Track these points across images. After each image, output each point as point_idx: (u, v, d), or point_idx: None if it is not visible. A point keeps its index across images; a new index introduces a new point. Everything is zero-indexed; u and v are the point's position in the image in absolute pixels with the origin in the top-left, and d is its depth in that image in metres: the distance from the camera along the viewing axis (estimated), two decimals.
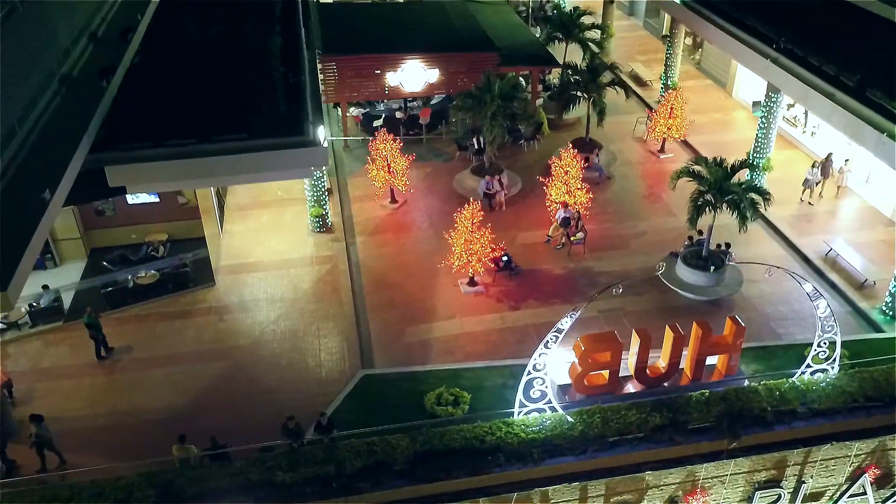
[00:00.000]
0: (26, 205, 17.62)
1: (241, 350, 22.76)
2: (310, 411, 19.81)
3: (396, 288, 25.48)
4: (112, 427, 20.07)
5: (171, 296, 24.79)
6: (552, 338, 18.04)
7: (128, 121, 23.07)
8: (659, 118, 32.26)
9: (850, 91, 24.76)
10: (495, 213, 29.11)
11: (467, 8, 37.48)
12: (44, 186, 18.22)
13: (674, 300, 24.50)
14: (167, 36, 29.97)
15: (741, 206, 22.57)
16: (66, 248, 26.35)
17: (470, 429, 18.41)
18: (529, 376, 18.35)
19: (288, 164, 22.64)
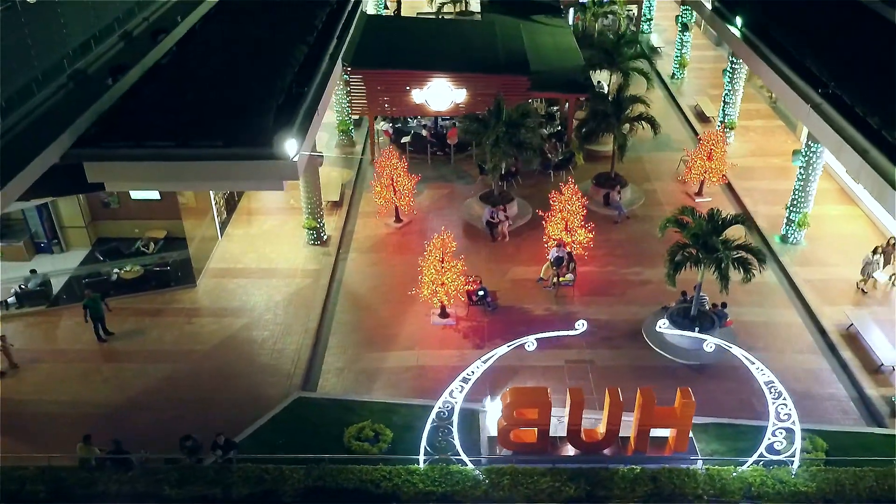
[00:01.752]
0: None
1: (196, 355, 22.85)
2: (234, 427, 19.62)
3: (369, 310, 24.88)
4: (51, 416, 20.60)
5: (151, 293, 25.32)
6: (458, 386, 16.85)
7: (118, 119, 23.69)
8: (696, 159, 29.90)
9: (886, 149, 21.89)
10: (496, 244, 27.97)
11: (518, 28, 36.35)
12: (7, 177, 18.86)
13: (652, 360, 22.49)
14: (200, 39, 30.79)
15: (722, 267, 20.33)
16: (73, 235, 27.50)
17: (369, 471, 17.50)
18: (433, 424, 17.22)
19: (256, 176, 22.61)
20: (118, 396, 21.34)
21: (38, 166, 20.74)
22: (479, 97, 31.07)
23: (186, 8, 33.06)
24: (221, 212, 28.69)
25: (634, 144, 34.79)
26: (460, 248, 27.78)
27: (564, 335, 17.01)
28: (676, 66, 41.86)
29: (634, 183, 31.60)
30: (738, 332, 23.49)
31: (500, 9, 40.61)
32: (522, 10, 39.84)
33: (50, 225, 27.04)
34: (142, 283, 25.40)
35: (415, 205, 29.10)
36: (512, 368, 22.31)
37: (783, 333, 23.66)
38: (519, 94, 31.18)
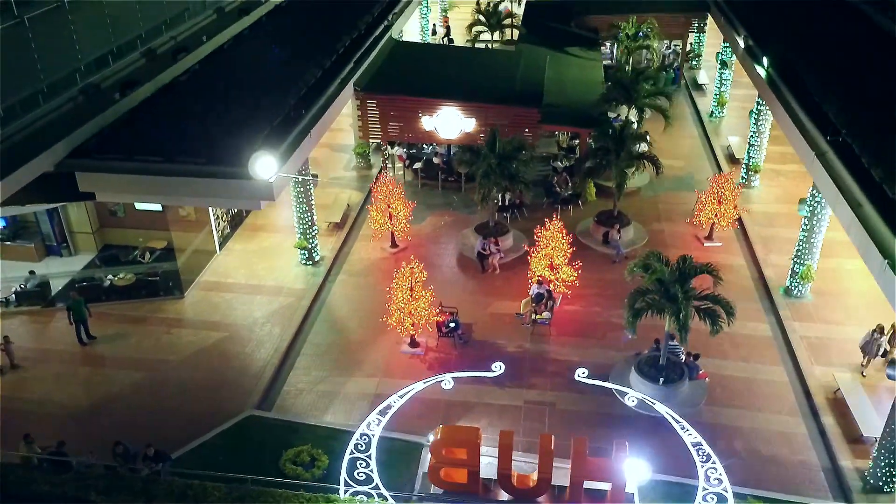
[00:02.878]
0: None
1: (167, 365, 23.43)
2: (182, 439, 20.06)
3: (343, 334, 24.99)
4: (20, 413, 21.43)
5: (139, 301, 26.17)
6: (375, 420, 16.67)
7: (114, 133, 24.74)
8: (706, 201, 28.80)
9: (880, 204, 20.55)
10: (485, 276, 27.65)
11: (545, 59, 36.04)
12: None
13: (616, 408, 21.62)
14: (222, 59, 31.90)
15: (680, 317, 19.42)
16: (81, 240, 28.74)
17: (289, 496, 17.41)
18: (352, 455, 17.07)
19: (233, 194, 23.16)
20: (84, 399, 22.10)
21: (25, 174, 21.81)
22: (488, 127, 30.80)
23: (217, 28, 34.37)
24: (224, 227, 29.44)
25: (653, 183, 33.99)
26: (449, 277, 27.82)
27: (481, 376, 16.61)
28: (715, 104, 40.57)
29: (643, 222, 30.71)
30: (715, 386, 22.42)
31: (536, 40, 40.39)
32: (558, 42, 39.50)
33: (60, 229, 28.37)
34: (132, 291, 26.30)
35: (408, 231, 29.06)
36: (467, 405, 21.95)
37: (764, 391, 22.38)
38: (529, 126, 30.89)
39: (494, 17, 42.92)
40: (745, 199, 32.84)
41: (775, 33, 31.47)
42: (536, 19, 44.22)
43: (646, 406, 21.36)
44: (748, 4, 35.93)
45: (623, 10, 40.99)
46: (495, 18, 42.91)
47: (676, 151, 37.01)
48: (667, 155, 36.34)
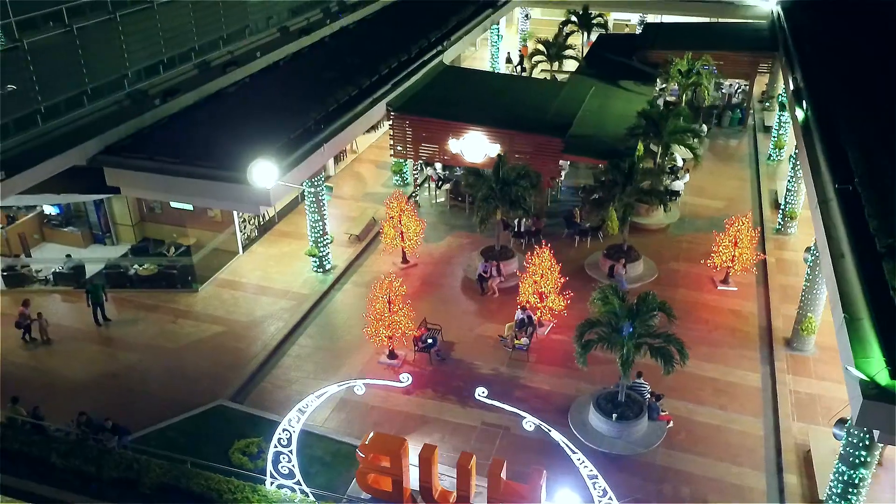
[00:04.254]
0: None
1: (160, 351, 25.23)
2: (153, 418, 21.67)
3: (331, 340, 26.02)
4: (24, 379, 23.71)
5: (157, 290, 28.22)
6: (295, 416, 17.50)
7: (144, 135, 27.05)
8: (721, 245, 27.95)
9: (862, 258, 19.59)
10: (483, 298, 28.00)
11: (588, 91, 36.08)
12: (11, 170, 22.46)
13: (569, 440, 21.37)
14: (269, 75, 34.08)
15: (624, 352, 19.15)
16: (123, 231, 31.29)
17: (220, 481, 18.47)
18: (276, 450, 17.95)
19: (234, 197, 24.80)
20: (83, 374, 24.16)
21: (54, 165, 24.28)
22: (513, 153, 31.24)
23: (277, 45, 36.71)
24: (251, 230, 31.25)
25: (683, 222, 33.27)
26: (448, 296, 28.39)
27: (390, 385, 17.07)
28: (773, 147, 39.14)
29: (661, 260, 30.13)
30: (679, 430, 21.81)
31: (592, 72, 40.43)
32: (613, 75, 39.39)
33: (105, 220, 31.04)
34: (153, 281, 28.39)
35: (417, 248, 29.86)
36: (425, 419, 22.42)
37: (733, 442, 21.54)
38: (552, 155, 31.08)
39: (554, 48, 43.21)
40: (779, 245, 31.66)
41: (828, 76, 30.26)
42: (601, 52, 44.26)
43: (598, 440, 21.24)
44: (815, 47, 34.64)
45: (687, 47, 40.29)
46: (555, 49, 43.19)
47: (720, 192, 35.98)
48: (707, 195, 35.66)
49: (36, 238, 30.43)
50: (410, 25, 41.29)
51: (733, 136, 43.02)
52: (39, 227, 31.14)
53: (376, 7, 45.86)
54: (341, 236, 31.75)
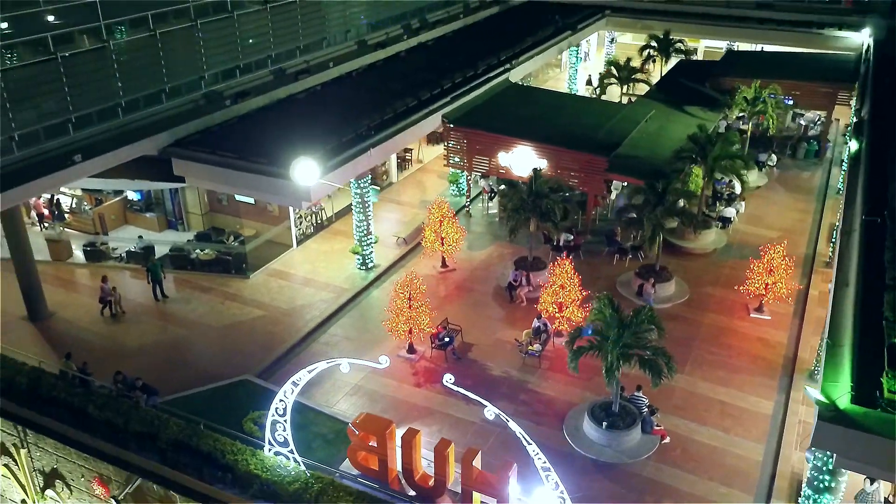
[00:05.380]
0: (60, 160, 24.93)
1: (205, 328, 27.61)
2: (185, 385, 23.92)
3: (360, 331, 27.62)
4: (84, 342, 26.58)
5: (213, 274, 30.75)
6: (290, 388, 19.06)
7: (211, 131, 29.74)
8: (755, 272, 27.71)
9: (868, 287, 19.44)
10: (511, 305, 28.90)
11: (646, 113, 36.43)
12: (89, 154, 25.47)
13: (560, 445, 22.10)
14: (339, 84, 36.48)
15: (609, 360, 19.66)
16: (194, 219, 34.19)
17: (225, 443, 20.32)
18: (273, 418, 19.58)
19: (279, 191, 26.96)
20: (134, 341, 26.83)
21: (127, 153, 27.19)
22: (559, 169, 32.12)
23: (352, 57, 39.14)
24: (307, 226, 33.45)
25: (730, 248, 33.00)
26: (477, 300, 29.50)
27: (371, 366, 18.27)
28: (842, 179, 37.96)
29: (697, 284, 30.09)
30: (675, 446, 22.00)
31: (660, 96, 40.73)
32: (680, 100, 39.53)
33: (178, 209, 34.04)
34: (211, 265, 30.94)
35: (455, 253, 31.11)
36: (429, 410, 23.59)
37: (728, 464, 21.52)
38: (596, 173, 31.70)
39: (624, 71, 43.59)
40: (827, 278, 30.80)
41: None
42: (675, 77, 44.38)
43: (587, 447, 21.80)
44: (894, 81, 33.80)
45: (762, 75, 39.86)
46: (625, 72, 43.57)
47: (777, 223, 35.33)
48: (762, 224, 35.16)
49: (114, 219, 33.71)
50: (485, 44, 42.90)
51: (807, 167, 41.91)
52: (123, 211, 34.49)
53: (457, 25, 47.72)
54: (390, 238, 33.45)
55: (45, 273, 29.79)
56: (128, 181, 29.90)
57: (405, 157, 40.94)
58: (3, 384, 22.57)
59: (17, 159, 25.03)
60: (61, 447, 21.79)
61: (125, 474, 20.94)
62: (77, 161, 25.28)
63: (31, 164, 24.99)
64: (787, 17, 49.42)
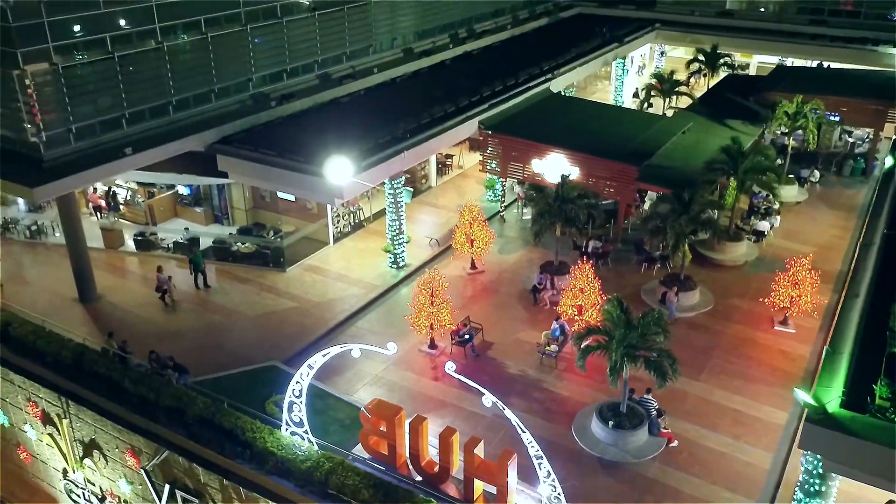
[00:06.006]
0: (113, 152, 26.71)
1: (240, 316, 29.04)
2: (216, 367, 25.31)
3: (386, 325, 28.62)
4: (128, 323, 28.31)
5: (251, 266, 32.24)
6: (305, 371, 20.12)
7: (255, 130, 31.27)
8: (780, 285, 27.69)
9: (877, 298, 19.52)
10: (535, 308, 29.49)
11: (683, 125, 36.63)
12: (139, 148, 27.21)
13: (568, 441, 22.66)
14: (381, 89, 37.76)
15: (613, 359, 20.13)
16: (238, 214, 35.81)
17: (245, 421, 21.51)
18: (289, 400, 20.67)
19: (314, 188, 28.24)
20: (174, 324, 28.42)
21: (175, 147, 28.84)
22: (590, 177, 32.63)
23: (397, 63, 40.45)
24: (344, 224, 34.72)
25: (762, 261, 32.89)
26: (502, 301, 30.23)
27: (377, 351, 19.16)
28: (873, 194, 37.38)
29: (724, 295, 30.16)
30: (683, 450, 22.30)
31: (702, 109, 40.82)
32: (722, 113, 39.58)
33: (224, 204, 35.73)
34: (250, 258, 32.44)
35: (485, 257, 31.88)
36: (443, 402, 24.42)
37: (735, 470, 21.69)
38: (626, 182, 32.10)
39: (667, 84, 43.75)
40: None
41: None
42: (720, 91, 44.37)
43: (593, 445, 22.28)
44: None
45: (809, 91, 39.56)
46: (668, 84, 43.72)
47: (814, 238, 35.00)
48: (798, 239, 34.93)
49: (163, 211, 35.57)
50: (529, 54, 43.66)
51: (852, 185, 41.29)
52: (173, 205, 36.37)
53: (504, 36, 48.64)
54: (424, 239, 34.44)
55: (98, 259, 31.76)
56: (176, 175, 31.63)
57: (445, 163, 41.94)
58: (50, 358, 24.34)
59: (74, 150, 26.91)
60: (99, 419, 23.35)
61: (154, 446, 22.35)
62: (128, 154, 27.02)
63: (86, 155, 26.83)
64: (840, 33, 48.88)
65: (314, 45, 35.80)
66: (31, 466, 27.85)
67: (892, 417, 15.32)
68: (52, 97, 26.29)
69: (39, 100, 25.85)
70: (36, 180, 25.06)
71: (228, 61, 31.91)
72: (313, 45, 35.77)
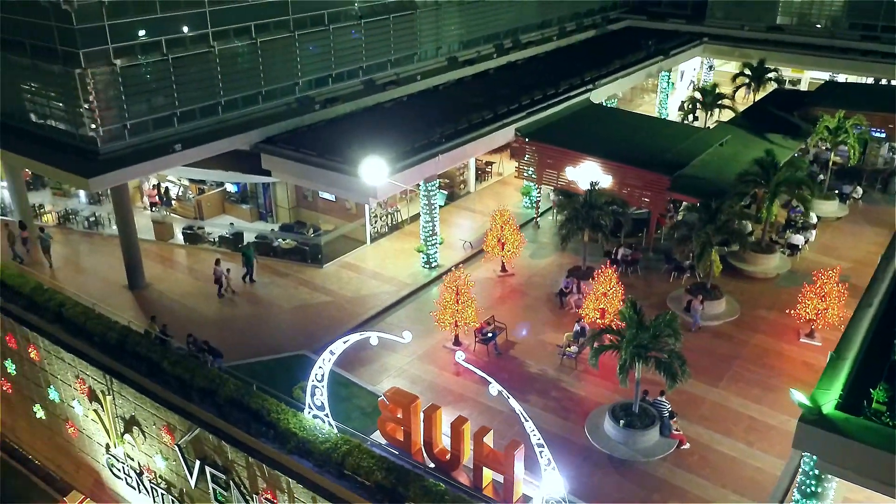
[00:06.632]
0: (163, 147, 28.42)
1: (276, 308, 30.40)
2: (251, 353, 26.70)
3: (414, 322, 29.46)
4: (172, 310, 29.94)
5: (291, 262, 33.64)
6: (328, 356, 21.20)
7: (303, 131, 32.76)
8: (807, 297, 27.71)
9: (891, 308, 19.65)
10: (560, 311, 30.08)
11: (720, 137, 36.80)
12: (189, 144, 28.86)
13: (579, 438, 23.23)
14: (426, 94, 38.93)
15: (623, 357, 20.66)
16: (282, 212, 37.34)
17: (271, 403, 22.73)
18: (312, 384, 21.79)
19: (349, 187, 29.48)
20: (216, 313, 29.99)
21: (222, 145, 30.45)
22: (623, 186, 33.12)
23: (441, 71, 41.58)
24: (381, 225, 35.92)
25: (794, 275, 32.79)
26: (528, 304, 30.92)
27: (392, 339, 20.12)
28: None
29: (753, 306, 30.26)
30: (694, 453, 22.66)
31: (743, 122, 40.92)
32: (762, 127, 39.61)
33: (269, 202, 37.32)
34: (290, 254, 33.85)
35: (515, 260, 32.62)
36: (462, 396, 25.26)
37: (745, 475, 21.94)
38: (658, 191, 32.48)
39: (709, 97, 43.83)
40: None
41: None
42: (764, 105, 44.27)
43: (605, 443, 22.84)
44: None
45: (855, 107, 39.29)
46: (710, 98, 43.79)
47: (850, 254, 34.72)
48: (834, 254, 34.71)
49: (210, 207, 37.32)
50: (573, 65, 44.31)
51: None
52: (221, 201, 38.13)
53: (549, 47, 49.40)
54: (458, 242, 35.37)
55: (148, 250, 33.63)
56: (222, 172, 33.26)
57: (485, 169, 42.83)
58: (97, 338, 26.03)
59: (128, 145, 28.75)
60: (139, 396, 24.90)
61: (187, 424, 23.74)
62: (177, 150, 28.70)
63: (139, 150, 28.62)
64: (893, 49, 48.12)
65: (359, 52, 37.17)
66: (77, 441, 29.66)
67: (887, 421, 15.53)
68: (109, 95, 28.13)
69: (98, 98, 27.70)
70: (92, 171, 26.87)
71: (276, 65, 33.44)
72: (359, 52, 37.13)
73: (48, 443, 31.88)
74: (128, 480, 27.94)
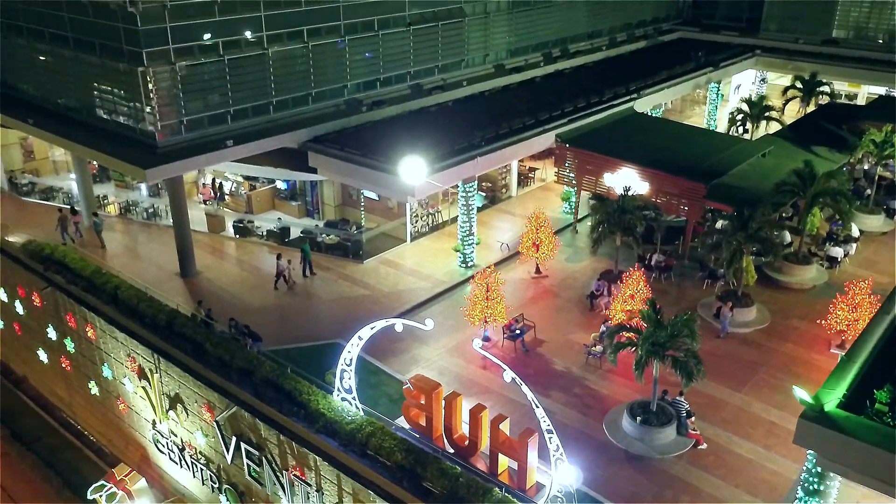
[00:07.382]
0: (216, 143, 30.18)
1: (317, 299, 31.80)
2: (291, 339, 28.13)
3: (446, 318, 30.46)
4: (221, 299, 31.58)
5: (333, 257, 35.02)
6: (356, 342, 22.34)
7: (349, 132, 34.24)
8: (838, 308, 27.70)
9: None
10: (590, 313, 30.65)
11: (761, 148, 36.87)
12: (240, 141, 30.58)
13: (599, 434, 23.79)
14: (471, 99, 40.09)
15: (639, 354, 21.22)
16: (328, 210, 38.82)
17: (303, 384, 24.00)
18: (341, 368, 22.96)
19: (390, 186, 30.71)
20: (259, 302, 31.51)
21: (271, 143, 32.09)
22: (659, 193, 33.54)
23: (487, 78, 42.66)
24: (421, 225, 37.05)
25: (830, 287, 32.54)
26: (559, 305, 31.61)
27: (414, 326, 21.11)
28: None
29: (785, 315, 30.29)
30: (710, 453, 23.01)
31: (790, 135, 40.83)
32: (809, 140, 39.49)
33: (316, 200, 38.86)
34: (333, 249, 35.27)
35: (549, 263, 33.32)
36: (487, 388, 26.12)
37: (761, 477, 22.20)
38: (693, 199, 32.79)
39: (756, 109, 43.72)
40: None
41: None
42: (813, 118, 43.97)
43: (623, 439, 23.39)
44: None
45: None
46: (756, 110, 43.68)
47: (891, 268, 34.31)
48: (875, 269, 34.44)
49: (259, 202, 39.05)
50: (620, 74, 44.82)
51: None
52: (272, 198, 39.86)
53: (598, 57, 49.97)
54: (496, 244, 36.26)
55: (201, 241, 35.51)
56: (271, 168, 34.91)
57: (528, 175, 43.62)
58: (148, 319, 27.79)
59: (184, 140, 30.59)
60: (183, 374, 26.50)
61: (226, 402, 25.20)
62: (229, 145, 30.40)
63: (193, 145, 30.43)
64: None
65: (408, 58, 38.50)
66: (126, 417, 31.54)
67: (889, 421, 15.79)
68: (169, 93, 30.03)
69: (158, 95, 29.62)
70: (149, 163, 28.73)
71: (326, 68, 35.00)
72: (407, 58, 38.47)
73: (101, 418, 33.91)
74: (171, 455, 29.61)
